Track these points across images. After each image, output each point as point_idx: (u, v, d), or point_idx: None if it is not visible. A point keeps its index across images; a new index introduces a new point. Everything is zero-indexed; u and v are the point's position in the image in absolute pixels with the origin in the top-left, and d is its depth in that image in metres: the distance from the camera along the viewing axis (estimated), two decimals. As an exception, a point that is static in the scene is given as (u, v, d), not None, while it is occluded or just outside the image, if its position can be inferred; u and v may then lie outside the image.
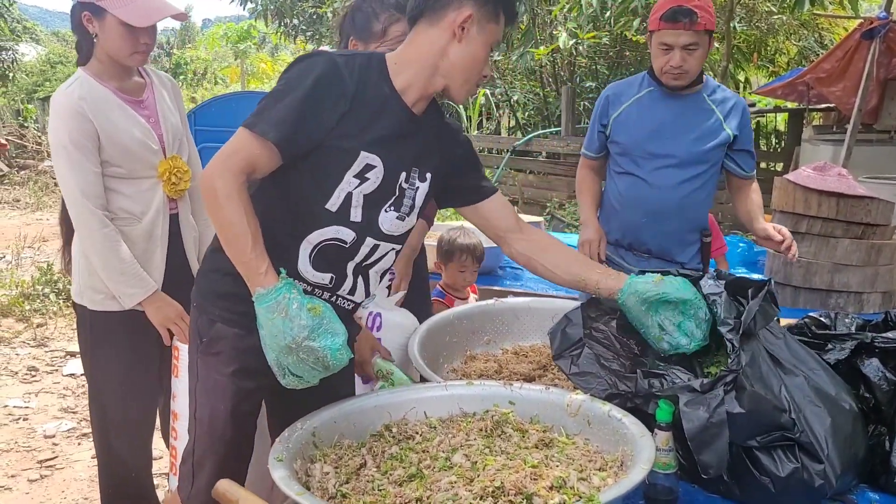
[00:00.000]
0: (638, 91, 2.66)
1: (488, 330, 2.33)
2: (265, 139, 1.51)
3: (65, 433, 3.61)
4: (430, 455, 1.48)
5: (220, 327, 1.66)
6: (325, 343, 1.46)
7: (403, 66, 1.62)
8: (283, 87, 1.55)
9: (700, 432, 1.44)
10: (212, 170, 1.51)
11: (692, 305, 1.64)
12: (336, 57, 1.57)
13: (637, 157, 2.63)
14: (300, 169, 1.58)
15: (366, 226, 1.65)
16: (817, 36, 10.79)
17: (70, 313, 5.44)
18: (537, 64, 10.39)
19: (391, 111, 1.62)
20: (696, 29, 2.42)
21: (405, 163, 1.66)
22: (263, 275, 1.49)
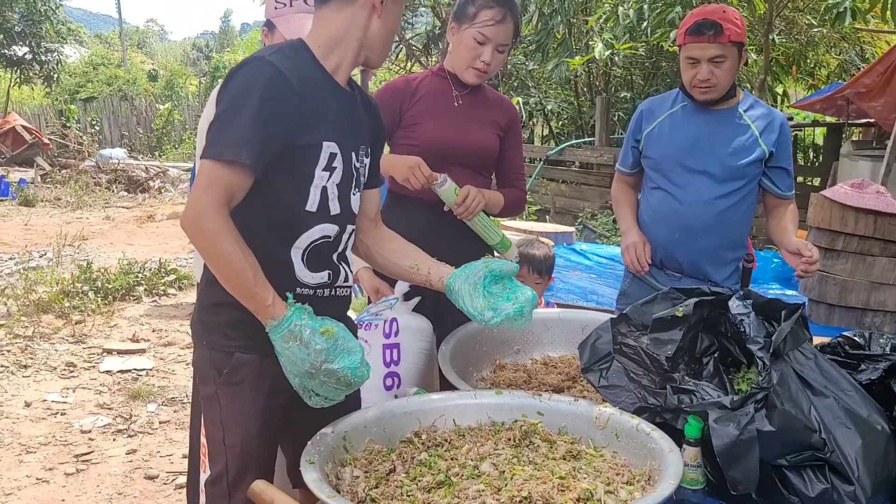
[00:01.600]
0: (672, 106, 2.62)
1: (518, 340, 2.33)
2: (236, 163, 1.49)
3: (100, 429, 3.70)
4: (459, 463, 1.50)
5: (239, 356, 1.64)
6: (344, 363, 1.50)
7: (330, 48, 1.65)
8: (232, 105, 1.52)
9: (730, 448, 1.44)
10: (192, 210, 1.49)
11: (517, 284, 1.75)
12: (268, 58, 1.56)
13: (669, 173, 2.59)
14: (272, 179, 1.58)
15: (343, 215, 1.70)
16: (858, 49, 10.61)
17: (108, 311, 5.57)
18: (572, 74, 10.37)
19: (330, 94, 1.65)
20: (721, 41, 2.38)
21: (353, 142, 1.71)
22: (272, 306, 1.51)
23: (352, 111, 1.73)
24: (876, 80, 6.58)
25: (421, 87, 2.37)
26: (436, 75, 2.41)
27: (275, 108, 1.53)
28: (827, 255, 3.42)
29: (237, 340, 1.65)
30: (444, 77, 2.39)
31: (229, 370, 1.66)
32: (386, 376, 2.18)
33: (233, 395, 1.67)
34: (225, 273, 1.53)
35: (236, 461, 1.70)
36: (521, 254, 2.87)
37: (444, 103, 2.36)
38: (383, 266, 1.92)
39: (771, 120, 2.54)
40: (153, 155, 18.15)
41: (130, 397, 4.05)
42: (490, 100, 2.46)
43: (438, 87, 2.38)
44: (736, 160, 2.52)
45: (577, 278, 4.11)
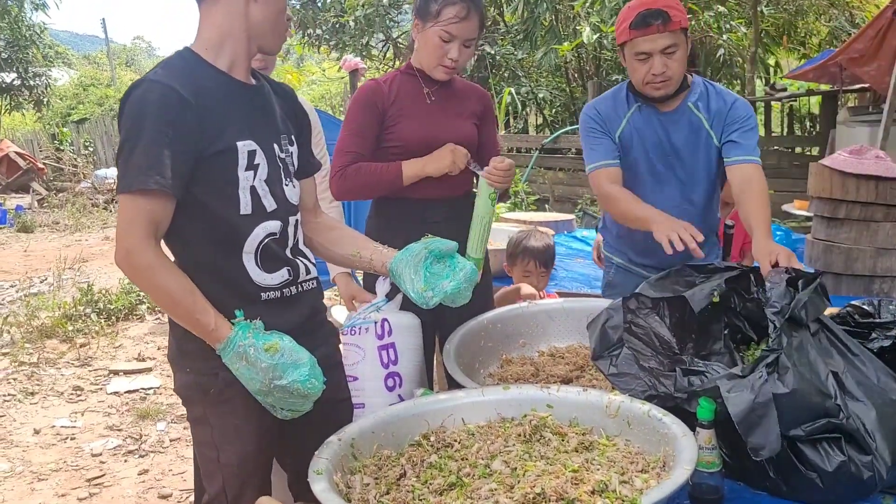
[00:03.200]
0: (627, 109, 2.43)
1: (523, 333, 2.31)
2: (149, 191, 1.47)
3: (111, 451, 3.68)
4: (470, 462, 1.47)
5: (224, 376, 1.60)
6: (292, 377, 1.49)
7: (217, 48, 1.61)
8: (129, 135, 1.49)
9: (747, 414, 1.41)
10: (122, 249, 1.49)
11: (458, 261, 1.74)
12: (153, 78, 1.53)
13: (640, 183, 2.45)
14: (197, 194, 1.55)
15: (281, 209, 1.67)
16: (848, 15, 10.56)
17: (112, 331, 5.55)
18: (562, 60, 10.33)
19: (233, 94, 1.62)
20: (671, 29, 2.22)
21: (272, 135, 1.67)
22: (215, 329, 1.52)
23: (262, 104, 1.69)
24: (868, 44, 6.52)
25: (393, 87, 2.34)
26: (404, 74, 2.38)
27: (172, 126, 1.49)
28: (830, 224, 3.38)
29: (220, 360, 1.61)
30: (413, 74, 2.36)
31: (216, 390, 1.63)
32: (387, 377, 2.15)
33: (223, 414, 1.65)
34: (165, 305, 1.55)
35: (234, 480, 1.68)
36: (521, 248, 2.84)
37: (417, 101, 2.34)
38: (326, 256, 1.89)
39: (720, 106, 2.38)
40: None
41: (139, 417, 4.04)
42: (462, 90, 2.44)
43: (409, 86, 2.35)
44: (697, 163, 2.42)
45: (580, 265, 4.07)
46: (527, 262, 2.83)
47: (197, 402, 1.66)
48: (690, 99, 2.40)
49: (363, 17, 10.72)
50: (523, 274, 2.85)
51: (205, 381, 1.63)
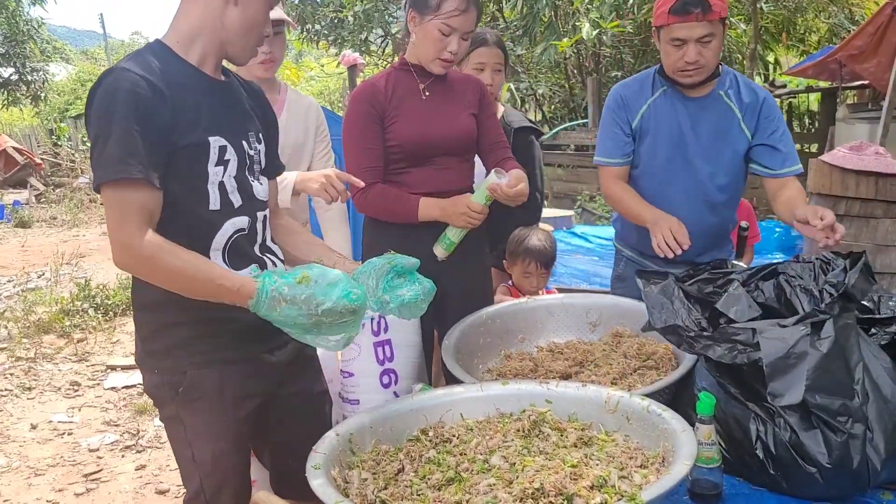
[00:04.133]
0: (651, 93, 2.43)
1: (522, 328, 2.31)
2: (131, 180, 1.44)
3: (108, 446, 3.67)
4: (468, 458, 1.47)
5: (193, 374, 1.61)
6: (335, 296, 1.44)
7: (189, 42, 1.59)
8: (100, 127, 1.45)
9: (778, 360, 1.45)
10: (119, 248, 1.45)
11: (418, 277, 1.70)
12: (124, 66, 1.49)
13: (658, 168, 2.43)
14: (168, 188, 1.52)
15: (249, 205, 1.66)
16: (847, 12, 10.54)
17: (109, 327, 5.54)
18: (561, 56, 10.30)
19: (205, 88, 1.60)
20: (710, 19, 2.20)
21: (240, 131, 1.66)
22: (242, 287, 1.47)
23: (231, 100, 1.68)
24: (867, 41, 6.50)
25: (388, 86, 2.30)
26: (399, 70, 2.34)
27: (144, 114, 1.46)
28: (830, 221, 3.37)
29: (189, 358, 1.62)
30: (408, 70, 2.33)
31: (185, 388, 1.61)
32: (382, 374, 2.15)
33: (194, 411, 1.63)
34: (181, 284, 1.50)
35: (211, 478, 1.67)
36: (522, 247, 2.82)
37: (413, 99, 2.31)
38: (288, 260, 1.86)
39: (752, 99, 2.37)
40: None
41: (137, 412, 4.02)
42: (456, 82, 2.41)
43: (404, 83, 2.32)
44: (724, 152, 2.38)
45: (579, 261, 4.07)
46: (528, 263, 2.80)
47: (168, 401, 1.64)
48: (721, 87, 2.38)
49: (362, 12, 10.68)
50: (523, 273, 2.83)
51: (173, 379, 1.62)
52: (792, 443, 1.46)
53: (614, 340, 2.16)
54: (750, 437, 1.52)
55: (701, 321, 1.79)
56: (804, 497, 1.46)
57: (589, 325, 2.30)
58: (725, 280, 1.86)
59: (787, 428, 1.47)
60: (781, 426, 1.48)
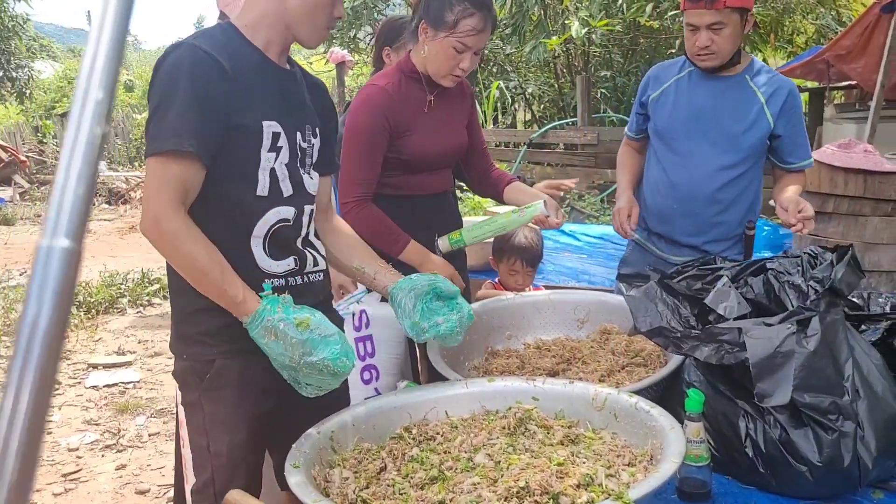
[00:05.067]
0: (679, 72, 2.54)
1: (509, 325, 2.27)
2: (180, 153, 1.43)
3: (88, 445, 3.62)
4: (452, 456, 1.43)
5: (220, 363, 1.59)
6: (323, 354, 1.43)
7: (255, 27, 1.59)
8: (163, 98, 1.45)
9: (765, 360, 1.43)
10: (149, 215, 1.43)
11: (458, 303, 1.71)
12: (192, 42, 1.49)
13: (671, 141, 2.51)
14: (218, 168, 1.51)
15: (298, 196, 1.64)
16: (835, 13, 10.59)
17: (91, 325, 5.46)
18: (551, 55, 10.30)
19: (267, 72, 1.59)
20: (717, 8, 2.27)
21: (297, 121, 1.64)
22: (243, 302, 1.47)
23: (293, 90, 1.66)
24: (855, 41, 6.52)
25: (397, 95, 2.22)
26: (408, 77, 2.26)
27: (207, 91, 1.46)
28: (819, 219, 3.36)
29: (218, 347, 1.59)
30: (417, 78, 2.25)
31: (211, 375, 1.60)
32: (363, 370, 2.12)
33: (216, 400, 1.61)
34: (191, 275, 1.48)
35: (223, 470, 1.63)
36: (509, 245, 2.79)
37: (419, 111, 2.26)
38: (330, 261, 1.84)
39: (778, 87, 2.42)
40: (133, 165, 17.97)
41: (118, 411, 3.97)
42: (454, 90, 2.35)
43: (412, 93, 2.25)
44: (740, 131, 2.42)
45: (568, 259, 4.04)
46: (513, 261, 2.77)
47: (192, 386, 1.63)
48: (749, 73, 2.46)
49: (350, 9, 10.64)
50: (509, 271, 2.80)
51: (200, 367, 1.60)
52: (782, 441, 1.43)
53: (602, 337, 2.13)
54: (739, 435, 1.49)
55: (689, 319, 1.77)
56: (794, 496, 1.44)
57: (577, 321, 2.27)
58: (714, 276, 1.83)
59: (777, 425, 1.45)
60: (771, 424, 1.46)
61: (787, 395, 1.41)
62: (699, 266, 1.90)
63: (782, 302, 1.69)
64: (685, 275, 1.87)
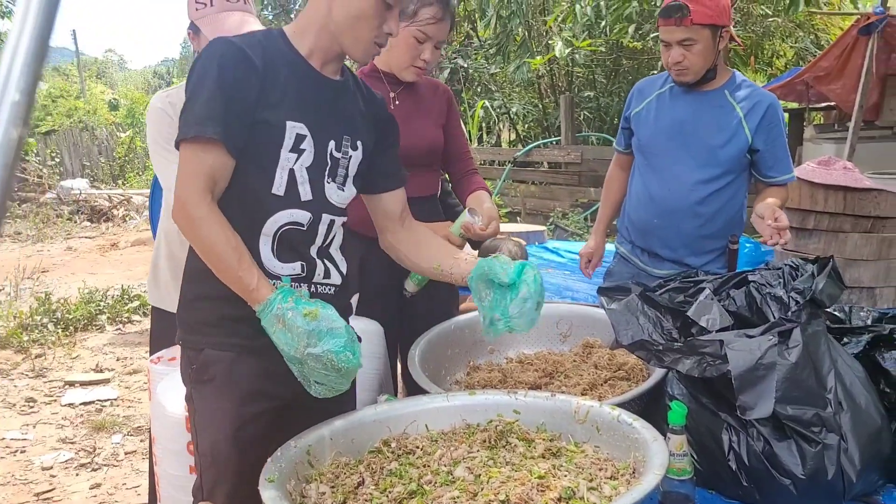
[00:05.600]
0: (661, 87, 2.57)
1: (491, 339, 2.25)
2: (206, 140, 1.45)
3: (62, 464, 3.54)
4: (432, 469, 1.41)
5: (208, 353, 1.58)
6: (327, 346, 1.39)
7: (302, 33, 1.59)
8: (195, 88, 1.49)
9: (747, 372, 1.41)
10: (178, 201, 1.47)
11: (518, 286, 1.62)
12: (231, 38, 1.53)
13: (652, 156, 2.54)
14: (241, 159, 1.52)
15: (317, 203, 1.61)
16: (813, 37, 10.76)
17: (69, 342, 5.38)
18: (535, 75, 10.37)
19: (303, 77, 1.58)
20: (685, 24, 2.31)
21: (331, 130, 1.62)
22: (256, 290, 1.45)
23: (335, 99, 1.64)
24: (833, 62, 6.60)
25: None
26: (368, 77, 2.28)
27: (234, 82, 1.48)
28: (800, 235, 3.38)
29: (210, 337, 1.58)
30: (378, 77, 2.29)
31: (198, 366, 1.58)
32: None
33: (203, 394, 1.60)
34: (209, 257, 1.49)
35: (209, 472, 1.60)
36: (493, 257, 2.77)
37: None
38: (411, 267, 1.85)
39: (757, 101, 2.44)
40: (116, 184, 17.86)
41: (94, 429, 3.89)
42: (424, 88, 2.38)
43: (376, 90, 2.28)
44: (718, 145, 2.44)
45: (551, 276, 4.03)
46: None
47: (186, 378, 1.63)
48: (729, 87, 2.48)
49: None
50: None
51: (192, 356, 1.60)
52: (765, 453, 1.42)
53: (585, 351, 2.11)
54: (722, 448, 1.47)
55: (672, 331, 1.76)
56: (778, 509, 1.42)
57: (559, 335, 2.25)
58: (696, 289, 1.83)
59: (761, 438, 1.43)
60: (754, 436, 1.44)
61: (770, 407, 1.39)
62: (681, 279, 1.90)
63: (764, 314, 1.68)
64: (667, 287, 1.86)
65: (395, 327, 2.35)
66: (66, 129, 21.31)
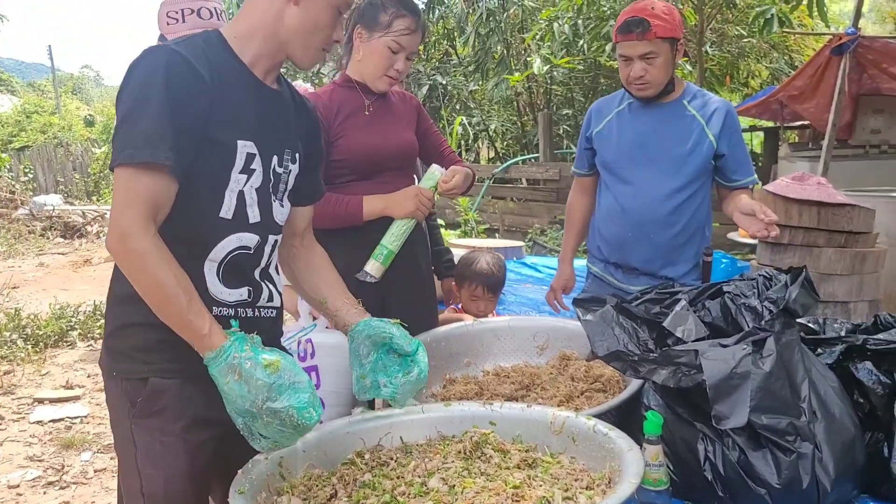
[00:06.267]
0: (619, 105, 2.60)
1: (468, 352, 2.24)
2: (154, 165, 1.33)
3: (30, 482, 3.45)
4: (405, 481, 1.38)
5: (155, 382, 1.47)
6: (289, 402, 1.32)
7: (246, 39, 1.51)
8: (136, 102, 1.35)
9: (722, 381, 1.40)
10: (116, 231, 1.33)
11: (412, 361, 1.62)
12: (171, 46, 1.41)
13: (620, 171, 2.55)
14: (184, 181, 1.40)
15: (264, 224, 1.55)
16: (787, 58, 10.95)
17: (39, 358, 5.28)
18: (513, 92, 10.44)
19: (248, 89, 1.50)
20: (648, 38, 2.35)
21: (275, 145, 1.56)
22: (208, 336, 1.35)
23: (276, 111, 1.57)
24: (807, 81, 6.71)
25: (333, 102, 2.27)
26: (341, 87, 2.31)
27: (183, 99, 1.36)
28: (774, 250, 3.40)
29: (153, 364, 1.47)
30: (352, 87, 2.31)
31: (144, 399, 1.46)
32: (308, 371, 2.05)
33: (150, 429, 1.48)
34: (155, 298, 1.36)
35: None
36: (470, 270, 2.77)
37: (357, 114, 2.30)
38: (297, 288, 1.78)
39: (715, 108, 2.50)
40: (91, 200, 17.66)
41: (63, 447, 3.81)
42: (395, 97, 2.42)
43: (349, 99, 2.30)
44: (685, 153, 2.47)
45: (529, 290, 4.03)
46: (474, 287, 2.75)
47: (123, 415, 1.49)
48: (685, 98, 2.52)
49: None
50: (470, 297, 2.77)
51: (132, 388, 1.47)
52: (741, 463, 1.41)
53: (562, 363, 2.10)
54: (698, 458, 1.47)
55: (648, 342, 1.75)
56: (753, 519, 1.41)
57: (536, 348, 2.24)
58: (672, 300, 1.83)
59: (736, 448, 1.43)
60: (730, 446, 1.44)
61: (745, 416, 1.39)
62: (657, 290, 1.90)
63: (739, 324, 1.68)
64: (644, 298, 1.86)
65: None
66: (41, 145, 21.08)
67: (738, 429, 1.41)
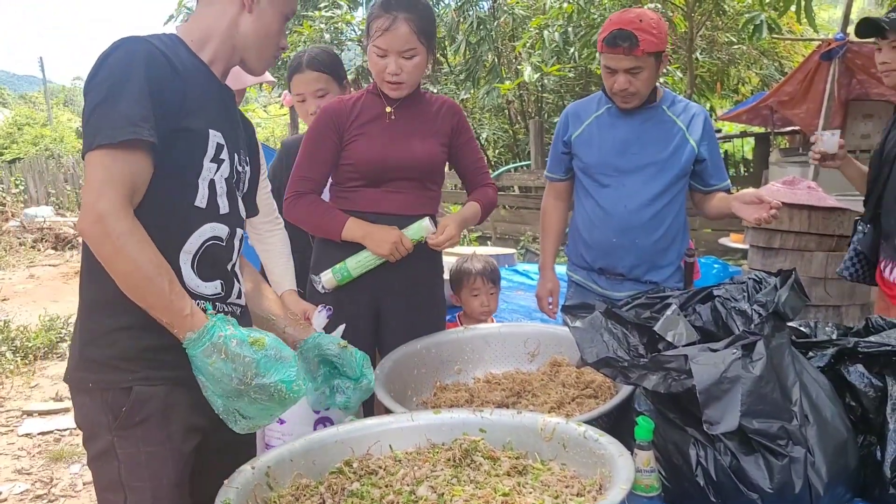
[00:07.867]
0: (597, 109, 2.57)
1: (458, 359, 2.22)
2: (136, 144, 1.33)
3: (17, 496, 3.41)
4: (394, 489, 1.37)
5: (140, 390, 1.43)
6: (279, 376, 1.32)
7: (202, 42, 1.54)
8: (113, 87, 1.34)
9: (711, 386, 1.38)
10: (93, 212, 1.30)
11: (359, 380, 1.70)
12: (146, 38, 1.43)
13: (602, 176, 2.53)
14: (158, 169, 1.40)
15: (233, 215, 1.57)
16: (777, 64, 10.99)
17: (28, 371, 5.23)
18: (504, 100, 10.45)
19: (211, 83, 1.54)
20: (636, 54, 2.31)
21: (235, 142, 1.59)
22: (190, 316, 1.34)
23: (232, 109, 1.62)
24: (797, 87, 6.74)
25: (356, 106, 2.28)
26: (370, 94, 2.32)
27: (160, 83, 1.38)
28: (766, 255, 3.41)
29: (136, 372, 1.44)
30: (377, 94, 2.30)
31: (129, 409, 1.43)
32: (317, 422, 1.97)
33: (135, 440, 1.44)
34: (133, 281, 1.33)
35: None
36: (465, 269, 2.77)
37: (377, 121, 2.27)
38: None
39: (694, 114, 2.51)
40: (83, 211, 17.58)
41: (52, 460, 3.77)
42: (431, 107, 2.34)
43: (372, 105, 2.29)
44: (666, 157, 2.47)
45: (521, 298, 4.03)
46: (473, 281, 2.75)
47: (102, 430, 1.44)
48: (664, 103, 2.51)
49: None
50: (472, 294, 2.77)
51: (114, 398, 1.43)
52: (733, 468, 1.40)
53: (552, 370, 2.09)
54: (690, 464, 1.45)
55: (638, 347, 1.74)
56: (746, 524, 1.40)
57: (527, 354, 2.23)
58: (663, 304, 1.82)
59: (728, 453, 1.41)
60: (721, 451, 1.42)
61: (735, 421, 1.38)
62: (647, 295, 1.89)
63: (730, 328, 1.67)
64: (634, 303, 1.85)
65: (370, 344, 2.33)
66: (32, 157, 21.01)
67: (729, 433, 1.40)
